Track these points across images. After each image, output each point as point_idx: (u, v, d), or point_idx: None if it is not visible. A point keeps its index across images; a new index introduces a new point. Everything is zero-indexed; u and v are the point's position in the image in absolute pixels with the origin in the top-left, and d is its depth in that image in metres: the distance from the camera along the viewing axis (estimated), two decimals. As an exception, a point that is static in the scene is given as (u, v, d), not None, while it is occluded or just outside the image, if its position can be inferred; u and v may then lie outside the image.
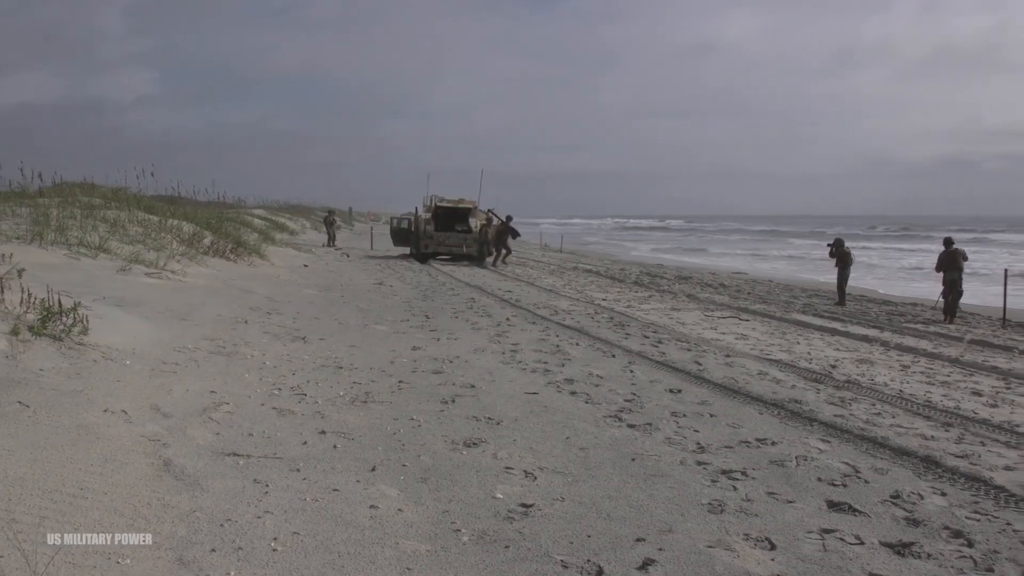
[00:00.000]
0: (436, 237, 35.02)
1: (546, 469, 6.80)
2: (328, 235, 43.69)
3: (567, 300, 21.10)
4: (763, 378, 11.13)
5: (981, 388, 11.14)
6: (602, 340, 14.11)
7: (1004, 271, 21.51)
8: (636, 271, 34.18)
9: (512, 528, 5.48)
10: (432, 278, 26.43)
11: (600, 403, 9.28)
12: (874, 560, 5.24)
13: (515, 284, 25.59)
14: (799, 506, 6.20)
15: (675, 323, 17.09)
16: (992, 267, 30.91)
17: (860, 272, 31.16)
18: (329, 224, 44.73)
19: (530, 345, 13.12)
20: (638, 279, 29.53)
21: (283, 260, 27.04)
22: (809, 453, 7.57)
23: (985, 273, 26.88)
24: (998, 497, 6.59)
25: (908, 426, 8.79)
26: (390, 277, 25.71)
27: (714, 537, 5.48)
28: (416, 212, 36.41)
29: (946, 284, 19.89)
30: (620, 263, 41.18)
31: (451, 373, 10.52)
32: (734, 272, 37.37)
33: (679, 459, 7.24)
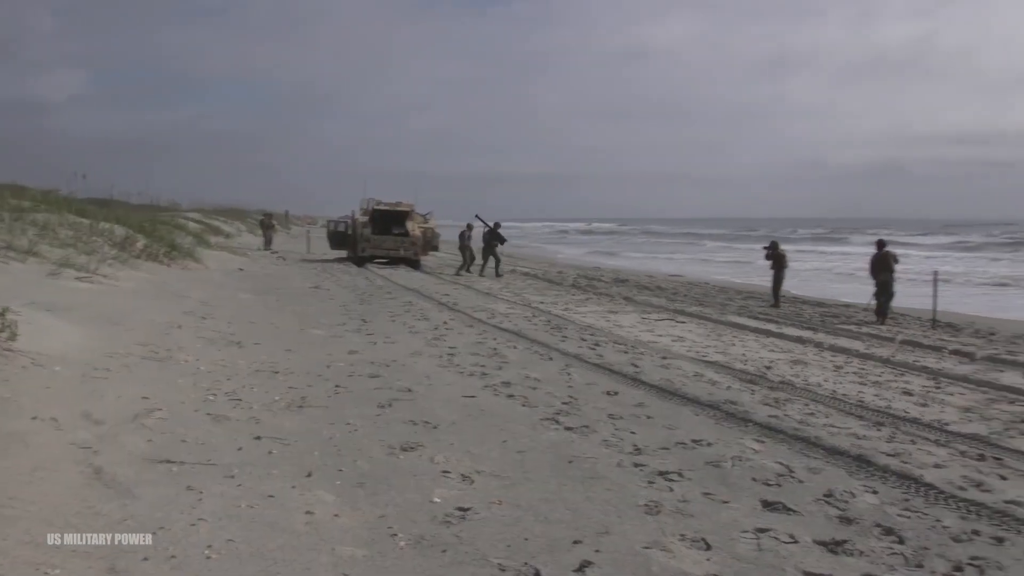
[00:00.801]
0: (373, 240, 34.80)
1: (483, 472, 6.80)
2: (264, 238, 43.29)
3: (504, 303, 21.11)
4: (699, 380, 11.23)
5: (912, 388, 11.33)
6: (539, 343, 14.14)
7: (933, 273, 21.88)
8: (573, 274, 34.30)
9: (449, 532, 5.46)
10: (369, 282, 26.31)
11: (537, 406, 9.29)
12: (808, 558, 5.31)
13: (452, 287, 25.58)
14: (734, 506, 6.25)
15: (612, 326, 17.17)
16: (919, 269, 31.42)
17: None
18: (266, 227, 44.33)
19: (467, 348, 13.11)
20: (575, 282, 29.64)
21: (218, 264, 26.77)
22: (744, 453, 7.65)
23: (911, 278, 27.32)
24: (928, 494, 6.71)
25: (841, 426, 8.91)
26: (327, 281, 25.55)
27: (650, 538, 5.51)
28: (353, 215, 36.18)
29: (878, 286, 20.19)
30: (557, 266, 41.30)
31: (388, 377, 10.47)
32: (671, 275, 37.63)
33: (616, 461, 7.27)
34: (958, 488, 6.86)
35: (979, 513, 6.30)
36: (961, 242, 77.90)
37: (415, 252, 34.76)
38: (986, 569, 5.24)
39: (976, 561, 5.34)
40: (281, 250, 41.24)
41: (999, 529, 5.97)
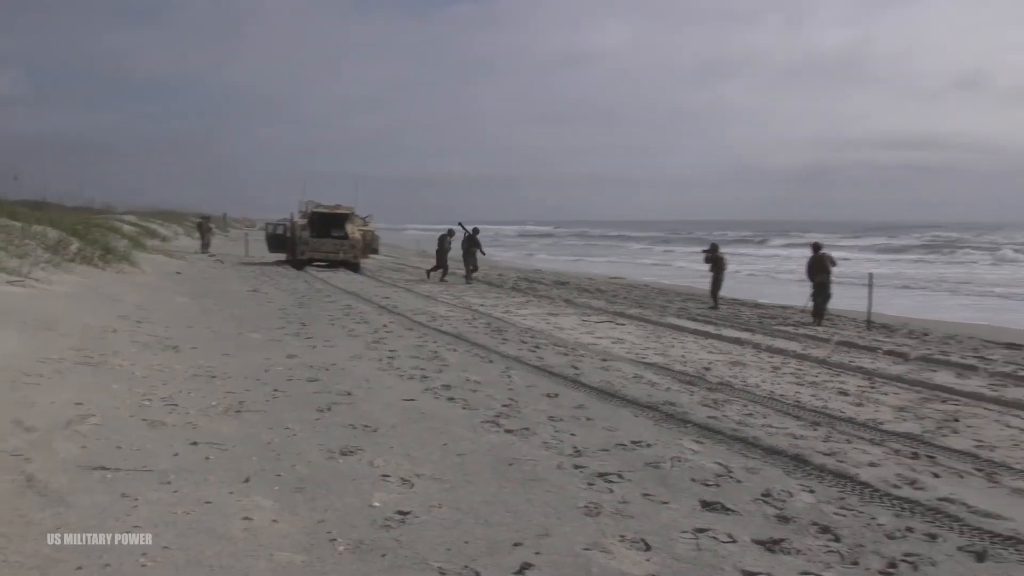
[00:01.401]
0: (312, 243, 34.55)
1: (423, 476, 6.77)
2: (202, 241, 42.84)
3: (445, 306, 21.08)
4: (639, 381, 11.29)
5: (847, 388, 11.48)
6: (480, 346, 14.13)
7: (869, 275, 22.20)
8: (514, 276, 34.33)
9: (389, 536, 5.43)
10: (308, 285, 26.13)
11: (478, 409, 9.28)
12: (746, 557, 5.35)
13: (393, 290, 25.49)
14: (674, 507, 6.29)
15: (553, 328, 17.22)
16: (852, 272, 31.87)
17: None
18: (203, 230, 43.87)
19: (407, 351, 13.06)
20: (515, 284, 29.68)
21: (154, 267, 26.45)
22: (683, 454, 7.69)
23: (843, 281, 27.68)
24: (863, 493, 6.81)
25: (778, 426, 9.01)
26: (265, 284, 25.33)
27: (591, 539, 5.52)
28: (292, 218, 35.87)
29: (815, 287, 20.43)
30: (498, 268, 41.26)
31: (327, 381, 10.41)
32: (611, 277, 37.78)
33: (556, 463, 7.28)
34: (892, 486, 6.97)
35: (913, 510, 6.40)
36: (890, 245, 79.23)
37: (355, 255, 34.55)
38: (920, 565, 5.32)
39: (910, 557, 5.42)
40: (219, 253, 40.83)
41: (932, 526, 6.07)
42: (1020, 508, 6.56)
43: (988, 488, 7.11)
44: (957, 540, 5.81)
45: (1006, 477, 7.43)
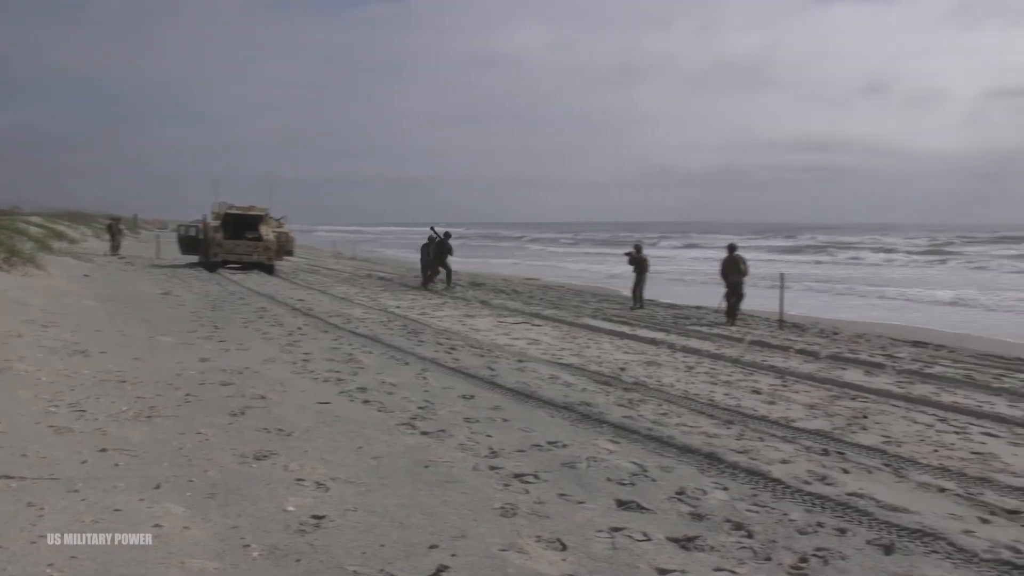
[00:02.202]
0: (225, 245, 34.04)
1: (338, 479, 6.72)
2: (112, 243, 41.99)
3: (360, 308, 20.95)
4: (554, 382, 11.33)
5: (760, 386, 11.65)
6: (395, 348, 14.07)
7: (780, 275, 22.55)
8: (430, 278, 34.21)
9: (304, 541, 5.38)
10: (221, 287, 25.77)
11: (393, 411, 9.24)
12: (660, 555, 5.40)
13: (307, 293, 25.24)
14: (589, 506, 6.32)
15: (468, 329, 17.21)
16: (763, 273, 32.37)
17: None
18: (113, 232, 42.98)
19: (322, 354, 12.96)
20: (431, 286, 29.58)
21: (62, 270, 25.85)
22: (599, 454, 7.74)
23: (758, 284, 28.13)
24: (775, 489, 6.92)
25: (693, 425, 9.11)
26: (177, 287, 24.90)
27: (507, 540, 5.52)
28: (205, 219, 35.31)
29: (729, 287, 20.69)
30: (414, 270, 41.06)
31: (241, 384, 10.27)
32: (526, 278, 37.88)
33: (472, 464, 7.28)
34: (803, 482, 7.09)
35: (823, 506, 6.52)
36: (798, 245, 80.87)
37: (269, 257, 34.15)
38: (830, 559, 5.41)
39: (820, 552, 5.52)
40: (129, 255, 40.01)
41: (842, 521, 6.19)
42: (926, 502, 6.72)
43: (896, 483, 7.26)
44: (866, 534, 5.93)
45: (913, 472, 7.60)
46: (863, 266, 55.58)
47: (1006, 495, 7.00)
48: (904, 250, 70.97)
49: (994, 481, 7.37)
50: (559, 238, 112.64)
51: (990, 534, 6.00)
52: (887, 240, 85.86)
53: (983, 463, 7.99)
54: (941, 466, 7.80)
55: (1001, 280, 41.59)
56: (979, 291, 33.42)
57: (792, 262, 55.75)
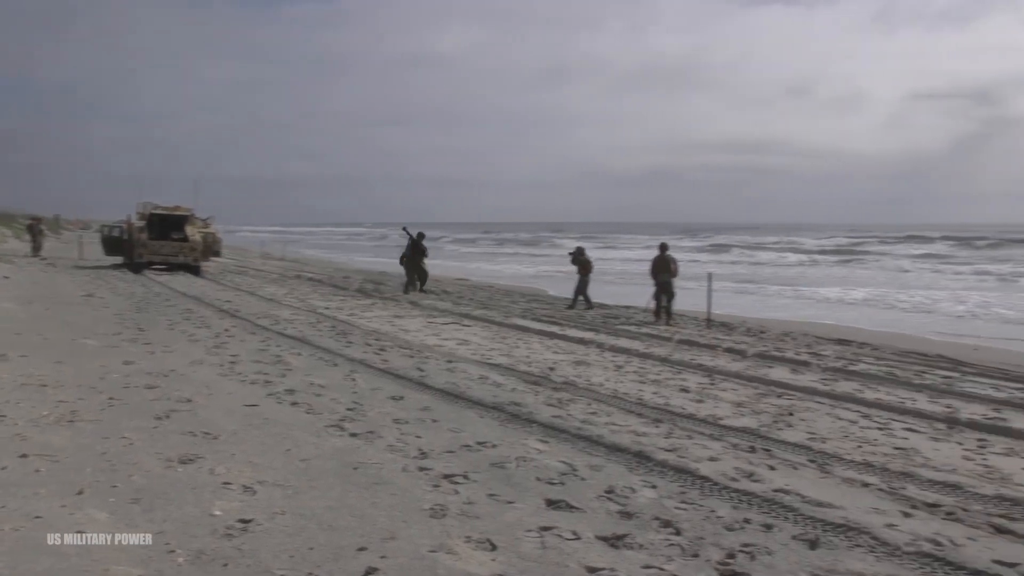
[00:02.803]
0: (151, 246, 33.55)
1: (266, 483, 6.65)
2: (33, 244, 41.22)
3: (289, 309, 20.77)
4: (484, 382, 11.33)
5: (688, 385, 11.75)
6: (324, 349, 13.97)
7: (708, 275, 22.75)
8: (359, 279, 33.98)
9: (231, 545, 5.31)
10: (147, 289, 25.39)
11: (322, 413, 9.17)
12: (590, 554, 5.42)
13: (235, 294, 24.96)
14: (519, 506, 6.33)
15: (398, 330, 17.14)
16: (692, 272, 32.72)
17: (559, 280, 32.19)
18: (34, 232, 42.19)
19: (250, 356, 12.83)
20: (361, 287, 29.39)
21: (-20, 272, 25.28)
22: (528, 454, 7.75)
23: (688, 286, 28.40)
24: (703, 486, 6.99)
25: (622, 424, 9.16)
26: (101, 288, 24.48)
27: (436, 541, 5.51)
28: (129, 220, 34.75)
29: (659, 287, 20.84)
30: (344, 271, 40.89)
31: (166, 387, 10.13)
32: (457, 278, 37.84)
33: (401, 466, 7.25)
34: (731, 479, 7.16)
35: (750, 502, 6.60)
36: (726, 244, 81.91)
37: (195, 258, 33.74)
38: (756, 555, 5.48)
39: (747, 548, 5.58)
40: (51, 256, 39.32)
41: (768, 517, 6.27)
42: (850, 496, 6.83)
43: (820, 478, 7.37)
44: (792, 529, 6.01)
45: (837, 467, 7.72)
46: (784, 266, 56.36)
47: (927, 489, 7.15)
48: (824, 249, 72.48)
49: (916, 475, 7.52)
50: (479, 239, 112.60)
51: (912, 527, 6.12)
52: (812, 241, 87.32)
53: (905, 458, 8.14)
54: (864, 461, 7.95)
55: (907, 279, 42.58)
56: (896, 289, 34.12)
57: (717, 262, 56.36)
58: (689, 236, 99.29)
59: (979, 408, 10.60)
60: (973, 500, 6.88)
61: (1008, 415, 10.21)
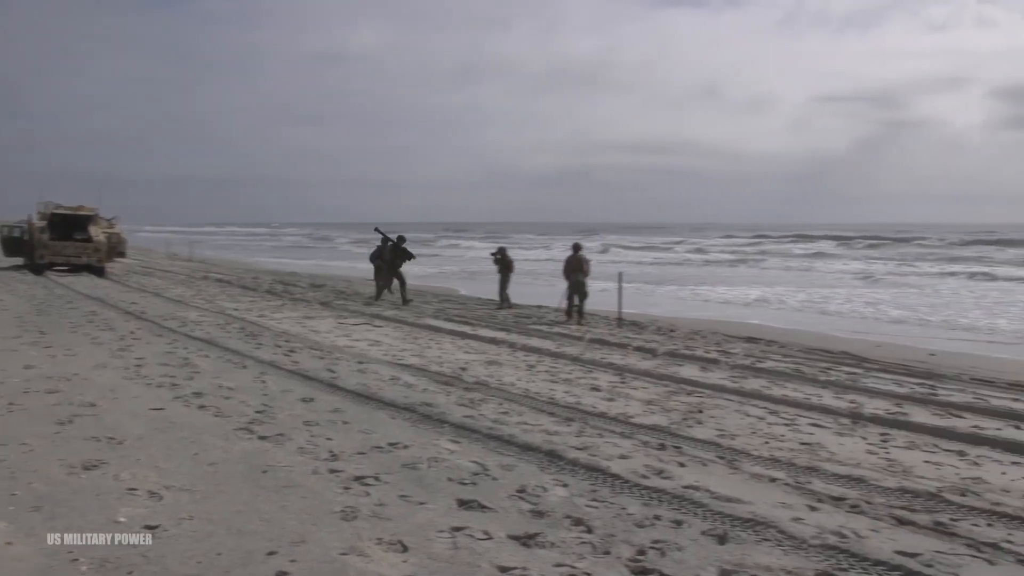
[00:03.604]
0: (53, 246, 32.80)
1: (173, 487, 6.53)
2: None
3: (196, 311, 20.43)
4: (395, 383, 11.28)
5: (599, 384, 11.83)
6: (233, 351, 13.78)
7: (619, 274, 22.92)
8: (269, 279, 33.58)
9: (136, 552, 5.20)
10: (48, 290, 24.82)
11: (231, 416, 9.04)
12: (501, 553, 5.42)
13: (141, 296, 24.50)
14: (431, 507, 6.30)
15: (308, 331, 16.97)
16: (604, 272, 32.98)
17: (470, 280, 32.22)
18: (-73, 234, 40.91)
19: (156, 359, 12.59)
20: (271, 288, 29.05)
21: None
22: (440, 454, 7.73)
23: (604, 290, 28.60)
24: (614, 484, 7.03)
25: (533, 423, 9.18)
26: (0, 290, 23.85)
27: (347, 544, 5.46)
28: (30, 219, 33.90)
29: (571, 286, 20.92)
30: (253, 271, 40.39)
31: (69, 392, 9.90)
32: (368, 279, 37.61)
33: (312, 468, 7.17)
34: (641, 477, 7.22)
35: (660, 499, 6.66)
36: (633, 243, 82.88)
37: (99, 259, 33.05)
38: (667, 551, 5.53)
39: (658, 544, 5.63)
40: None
41: (678, 513, 6.33)
42: (758, 492, 6.94)
43: (729, 474, 7.47)
44: (701, 525, 6.08)
45: (745, 463, 7.83)
46: (693, 265, 57.03)
47: (832, 483, 7.29)
48: (726, 249, 73.82)
49: (821, 470, 7.66)
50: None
51: (818, 521, 6.23)
52: (714, 240, 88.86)
53: (811, 453, 8.30)
54: (772, 457, 8.08)
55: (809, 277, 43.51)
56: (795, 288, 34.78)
57: (630, 262, 56.86)
58: (601, 235, 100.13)
59: (882, 403, 10.84)
60: (876, 493, 7.04)
61: (909, 410, 10.46)
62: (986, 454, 8.52)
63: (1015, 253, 60.17)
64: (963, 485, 7.33)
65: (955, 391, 11.82)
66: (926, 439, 9.08)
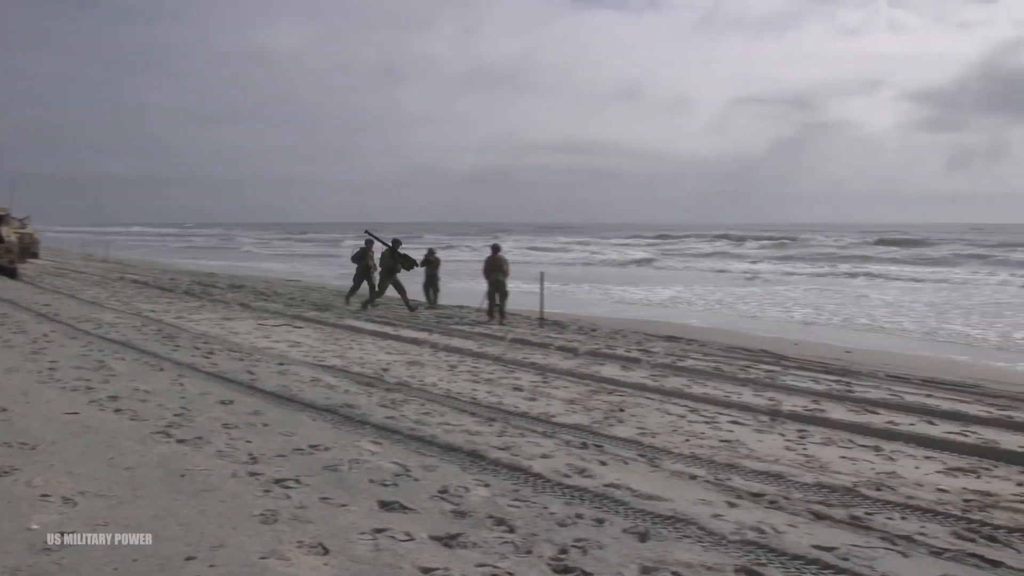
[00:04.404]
0: (-43, 248, 31.98)
1: (88, 493, 6.40)
2: None
3: (112, 313, 20.04)
4: (316, 384, 11.19)
5: (521, 383, 11.85)
6: (150, 353, 13.55)
7: (540, 274, 23.00)
8: (187, 280, 33.08)
9: (49, 560, 5.09)
10: (-43, 293, 24.16)
11: (148, 419, 8.89)
12: (424, 554, 5.40)
13: (54, 297, 23.95)
14: (352, 509, 6.27)
15: (227, 333, 16.76)
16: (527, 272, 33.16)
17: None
18: None
19: (71, 362, 12.33)
20: (189, 288, 28.60)
21: None
22: (362, 456, 7.69)
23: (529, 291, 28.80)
24: (536, 484, 7.06)
25: (455, 423, 9.18)
26: (-99, 294, 23.21)
27: (267, 548, 5.40)
28: (-67, 220, 32.99)
29: (492, 286, 20.94)
30: (170, 272, 39.77)
31: (-22, 397, 9.65)
32: (288, 279, 37.29)
33: (231, 472, 7.08)
34: (563, 476, 7.26)
35: (582, 498, 6.70)
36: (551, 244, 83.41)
37: (11, 259, 32.24)
38: (589, 549, 5.56)
39: (580, 543, 5.67)
40: None
41: (600, 511, 6.37)
42: (678, 489, 7.01)
43: (650, 472, 7.54)
44: (622, 523, 6.13)
45: (666, 461, 7.91)
46: (604, 266, 57.45)
47: (751, 479, 7.40)
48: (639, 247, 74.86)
49: (740, 467, 7.77)
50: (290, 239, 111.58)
51: (737, 517, 6.32)
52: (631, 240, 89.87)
53: (731, 450, 8.41)
54: (692, 454, 8.17)
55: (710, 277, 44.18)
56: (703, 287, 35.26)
57: (552, 262, 57.14)
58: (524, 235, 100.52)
59: (800, 400, 11.03)
60: (794, 488, 7.16)
61: (826, 406, 10.66)
62: (900, 449, 8.72)
63: (917, 252, 61.77)
64: (878, 480, 7.49)
65: (871, 387, 12.06)
66: (843, 435, 9.26)
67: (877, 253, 63.25)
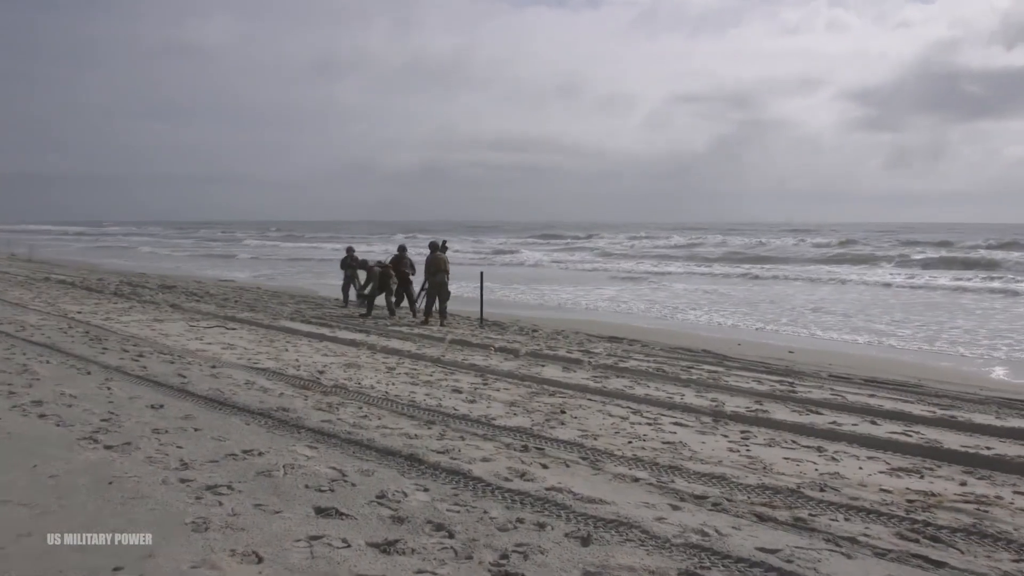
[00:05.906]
0: None
1: (10, 502, 6.15)
2: None
3: (36, 314, 19.54)
4: (250, 387, 10.97)
5: (461, 385, 11.72)
6: (76, 356, 13.19)
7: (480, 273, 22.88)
8: (116, 281, 32.45)
9: (-30, 572, 4.86)
10: None
11: (74, 425, 8.62)
12: (361, 561, 5.28)
13: (-23, 300, 23.36)
14: (287, 515, 6.11)
15: (158, 335, 16.40)
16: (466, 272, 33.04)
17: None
18: None
19: (-8, 366, 11.95)
20: (118, 289, 28.04)
21: None
22: (297, 461, 7.52)
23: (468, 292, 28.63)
24: (476, 488, 6.94)
25: (394, 426, 9.03)
26: None
27: (199, 557, 5.23)
28: None
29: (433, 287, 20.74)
30: (98, 272, 39.00)
31: None
32: (221, 280, 36.77)
33: (161, 478, 6.87)
34: (504, 480, 7.15)
35: (523, 502, 6.60)
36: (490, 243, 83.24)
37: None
38: (530, 554, 5.47)
39: (520, 548, 5.57)
40: None
41: (541, 515, 6.28)
42: (621, 492, 6.93)
43: (592, 475, 7.45)
44: (564, 527, 6.04)
45: (608, 463, 7.83)
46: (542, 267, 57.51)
47: (694, 481, 7.34)
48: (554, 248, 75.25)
49: (684, 469, 7.72)
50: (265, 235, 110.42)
51: (680, 519, 6.26)
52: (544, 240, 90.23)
53: (674, 452, 8.35)
54: (635, 457, 8.09)
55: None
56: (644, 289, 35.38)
57: (489, 262, 57.03)
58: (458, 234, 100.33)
59: (743, 401, 11.03)
60: (737, 490, 7.12)
61: (769, 407, 10.67)
62: (844, 449, 8.74)
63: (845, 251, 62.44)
64: (822, 480, 7.48)
65: (813, 388, 12.12)
66: (786, 436, 9.26)
67: (791, 254, 63.52)
